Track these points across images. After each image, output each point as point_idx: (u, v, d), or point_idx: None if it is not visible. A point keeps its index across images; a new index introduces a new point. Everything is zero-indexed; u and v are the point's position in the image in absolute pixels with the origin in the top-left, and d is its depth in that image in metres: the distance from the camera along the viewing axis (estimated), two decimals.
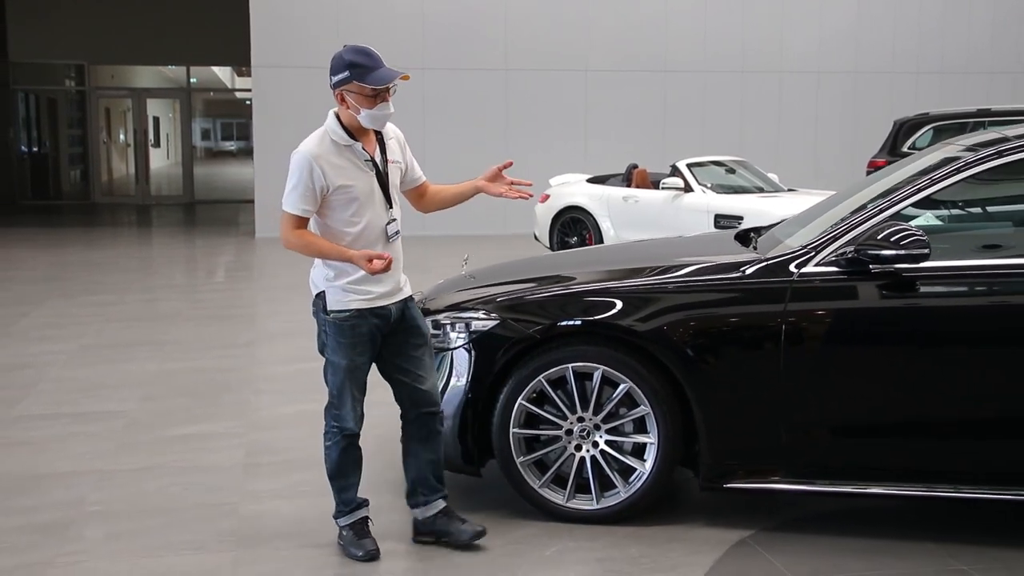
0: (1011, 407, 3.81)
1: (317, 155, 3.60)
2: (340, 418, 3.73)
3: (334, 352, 3.69)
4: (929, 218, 4.41)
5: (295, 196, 3.60)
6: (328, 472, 3.82)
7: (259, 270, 12.53)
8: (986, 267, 3.96)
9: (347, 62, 3.60)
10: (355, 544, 3.77)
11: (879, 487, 3.90)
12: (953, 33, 17.27)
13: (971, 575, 3.63)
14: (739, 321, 3.98)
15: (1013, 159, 3.89)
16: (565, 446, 4.12)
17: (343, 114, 3.69)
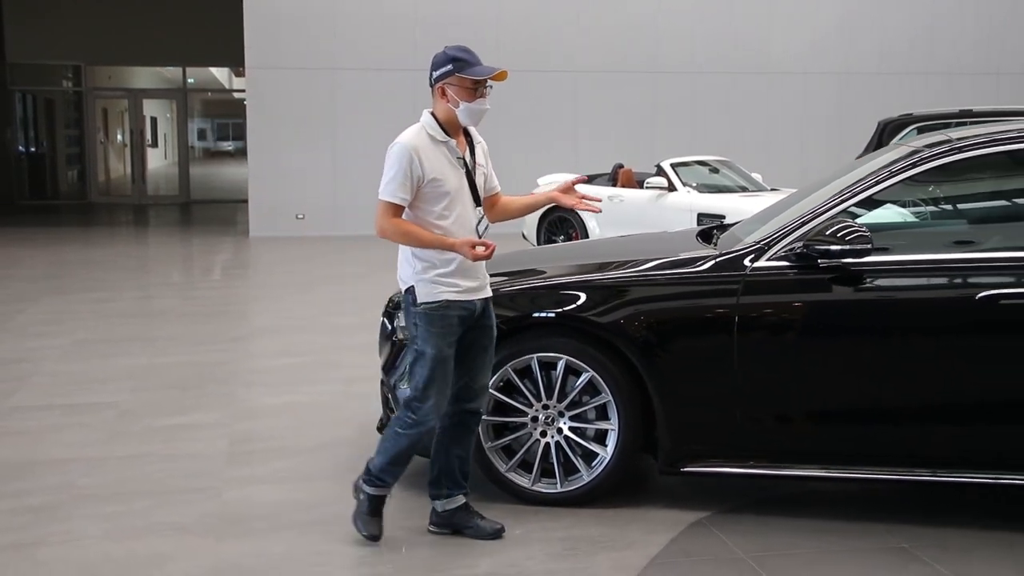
0: (953, 394, 4.02)
1: (415, 146, 3.72)
2: (421, 411, 3.79)
3: (425, 342, 3.76)
4: (883, 215, 4.61)
5: (394, 185, 3.71)
6: (388, 454, 3.88)
7: (252, 268, 12.75)
8: (928, 262, 4.16)
9: (450, 57, 3.76)
10: (366, 518, 3.91)
11: (830, 471, 4.11)
12: (939, 35, 17.48)
13: (910, 552, 3.84)
14: (695, 313, 4.19)
15: (951, 160, 4.11)
16: (531, 432, 4.33)
17: (440, 110, 3.80)
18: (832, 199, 4.20)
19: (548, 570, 3.72)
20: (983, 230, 4.46)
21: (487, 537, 3.96)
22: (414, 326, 3.79)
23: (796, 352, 4.12)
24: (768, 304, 4.12)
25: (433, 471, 4.03)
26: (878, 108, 16.10)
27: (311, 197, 15.77)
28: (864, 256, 3.97)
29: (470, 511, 4.02)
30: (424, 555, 3.86)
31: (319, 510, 4.28)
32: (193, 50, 21.63)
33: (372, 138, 15.77)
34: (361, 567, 3.74)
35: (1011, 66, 17.61)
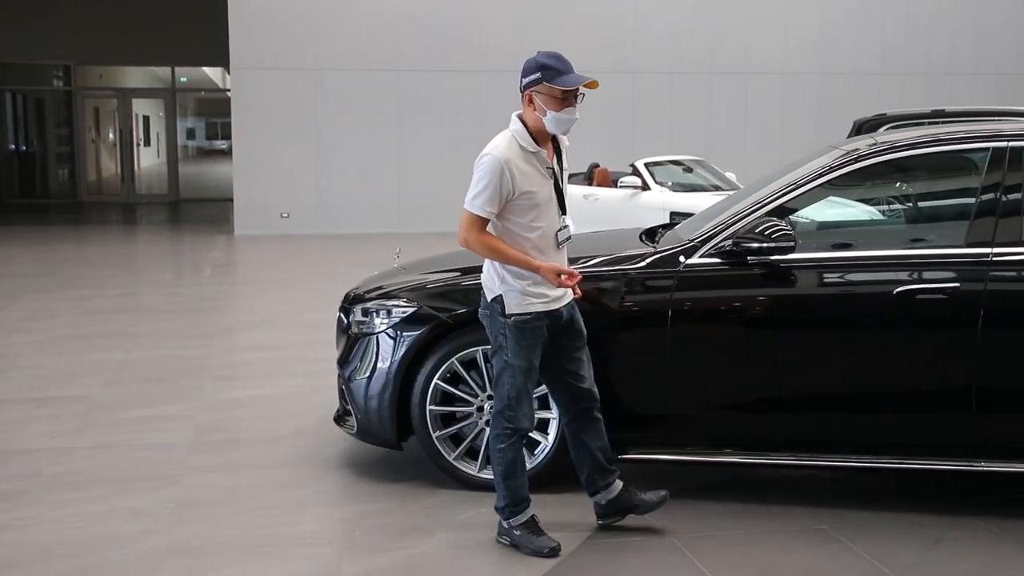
0: (874, 385, 4.23)
1: (508, 159, 3.67)
2: (516, 419, 3.80)
3: (515, 355, 3.76)
4: (818, 214, 4.82)
5: (482, 198, 3.67)
6: (502, 474, 3.86)
7: (235, 266, 12.94)
8: (850, 258, 4.38)
9: (539, 64, 3.70)
10: (534, 542, 3.84)
11: (760, 457, 4.32)
12: (916, 36, 17.70)
13: (829, 533, 4.05)
14: (633, 307, 4.39)
15: (870, 163, 4.32)
16: (476, 422, 4.53)
17: (529, 117, 3.76)
18: (762, 199, 4.41)
19: (483, 550, 3.92)
20: (903, 229, 4.67)
21: (656, 507, 4.03)
22: (503, 336, 3.78)
23: (726, 345, 4.33)
24: (699, 299, 4.33)
25: (583, 472, 4.05)
26: (856, 108, 16.28)
27: (295, 196, 15.96)
28: (788, 253, 4.18)
29: (630, 491, 4.06)
30: (368, 537, 4.06)
31: (271, 496, 4.48)
32: (182, 50, 21.80)
33: (356, 138, 16.01)
34: (306, 547, 3.93)
35: (987, 67, 17.83)
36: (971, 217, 4.21)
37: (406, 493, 4.52)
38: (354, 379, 4.69)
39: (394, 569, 3.75)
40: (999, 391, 4.12)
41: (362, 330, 4.72)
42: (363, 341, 4.69)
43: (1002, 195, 4.17)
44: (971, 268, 4.09)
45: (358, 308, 4.78)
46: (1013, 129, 4.36)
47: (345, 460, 4.95)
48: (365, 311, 4.73)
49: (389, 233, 15.54)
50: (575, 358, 3.95)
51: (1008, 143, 4.24)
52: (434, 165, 16.05)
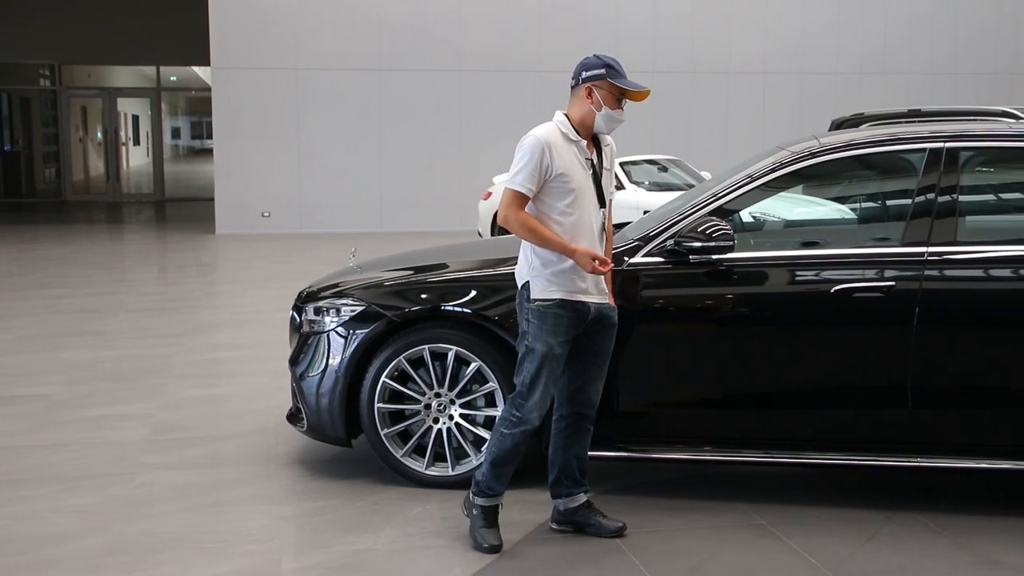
0: (812, 382, 4.28)
1: (549, 141, 3.78)
2: (525, 409, 3.82)
3: (535, 339, 3.80)
4: (763, 214, 4.88)
5: (523, 175, 3.77)
6: (492, 457, 3.89)
7: (212, 265, 12.96)
8: (789, 258, 4.43)
9: (604, 62, 3.84)
10: (480, 531, 3.90)
11: (702, 454, 4.36)
12: (895, 35, 17.77)
13: (767, 528, 4.11)
14: None
15: (812, 163, 4.37)
16: (424, 419, 4.58)
17: (578, 110, 3.86)
18: (705, 199, 4.46)
19: (426, 546, 3.97)
20: (842, 228, 4.72)
21: (609, 535, 4.02)
22: (526, 322, 3.85)
23: (668, 343, 4.37)
24: (641, 297, 4.37)
25: (553, 472, 4.08)
26: (837, 107, 16.35)
27: (277, 195, 15.99)
28: (727, 252, 4.23)
29: (592, 509, 4.09)
30: (311, 533, 4.11)
31: (220, 494, 4.52)
32: (166, 50, 21.82)
33: (337, 137, 16.05)
34: (249, 544, 3.97)
35: (965, 67, 17.91)
36: (908, 217, 4.26)
37: (354, 490, 4.56)
38: (304, 377, 4.73)
39: (334, 565, 3.79)
40: (934, 388, 4.17)
41: (313, 328, 4.76)
42: (313, 340, 4.73)
43: (938, 195, 4.22)
44: (907, 267, 4.15)
45: (310, 307, 4.83)
46: (951, 130, 4.43)
47: (297, 458, 4.99)
48: (316, 310, 4.78)
49: (371, 232, 15.59)
50: (594, 361, 3.96)
51: (945, 144, 4.31)
52: (415, 164, 16.10)
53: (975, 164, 4.44)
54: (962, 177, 4.29)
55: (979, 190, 4.65)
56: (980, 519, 4.18)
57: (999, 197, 4.82)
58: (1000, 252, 4.22)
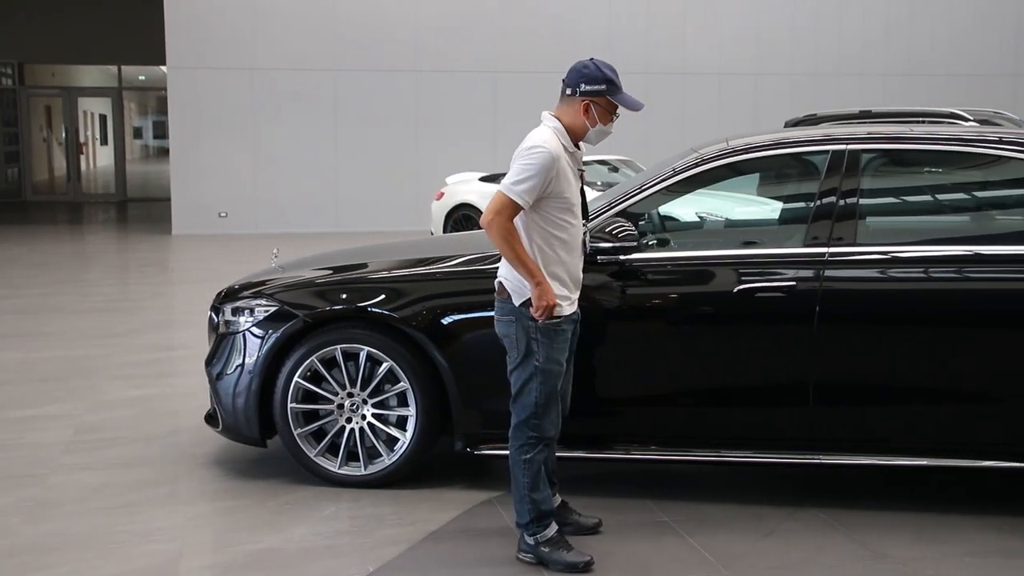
0: (717, 381, 4.34)
1: (559, 156, 3.65)
2: (541, 428, 3.73)
3: (547, 359, 3.69)
4: (671, 214, 4.94)
5: (526, 187, 3.59)
6: (528, 486, 3.75)
7: (163, 265, 12.93)
8: (692, 258, 4.49)
9: (606, 77, 3.73)
10: (565, 558, 3.73)
11: (613, 452, 4.42)
12: (849, 36, 17.94)
13: (669, 525, 4.16)
14: (488, 308, 4.45)
15: (720, 164, 4.44)
16: (337, 419, 4.60)
17: (570, 120, 3.75)
18: (614, 199, 4.51)
19: (329, 545, 3.99)
20: (748, 228, 4.78)
21: (586, 532, 4.01)
22: (534, 342, 3.69)
23: (580, 340, 4.41)
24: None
25: None
26: (791, 108, 16.50)
27: (233, 195, 15.95)
28: (631, 253, 4.28)
29: (568, 508, 4.08)
30: (216, 533, 4.13)
31: (132, 494, 4.53)
32: (126, 49, 21.69)
33: (293, 137, 16.03)
34: (150, 544, 3.99)
35: (918, 67, 18.09)
36: (810, 218, 4.33)
37: (267, 490, 4.58)
38: (220, 377, 4.75)
39: (234, 564, 3.81)
40: (834, 386, 4.24)
41: (229, 329, 4.78)
42: (229, 340, 4.75)
43: (839, 197, 4.29)
44: (808, 267, 4.21)
45: (227, 307, 4.84)
46: (854, 132, 4.50)
47: (215, 458, 5.00)
48: (233, 310, 4.79)
49: (327, 232, 15.57)
50: (570, 367, 3.93)
51: (847, 146, 4.38)
52: (372, 164, 16.10)
53: (877, 166, 4.51)
54: (863, 179, 4.36)
55: (881, 191, 4.73)
56: (876, 514, 4.25)
57: (900, 198, 4.90)
58: (899, 252, 4.29)
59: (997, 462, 4.18)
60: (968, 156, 4.50)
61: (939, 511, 4.28)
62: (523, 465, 3.78)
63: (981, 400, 4.18)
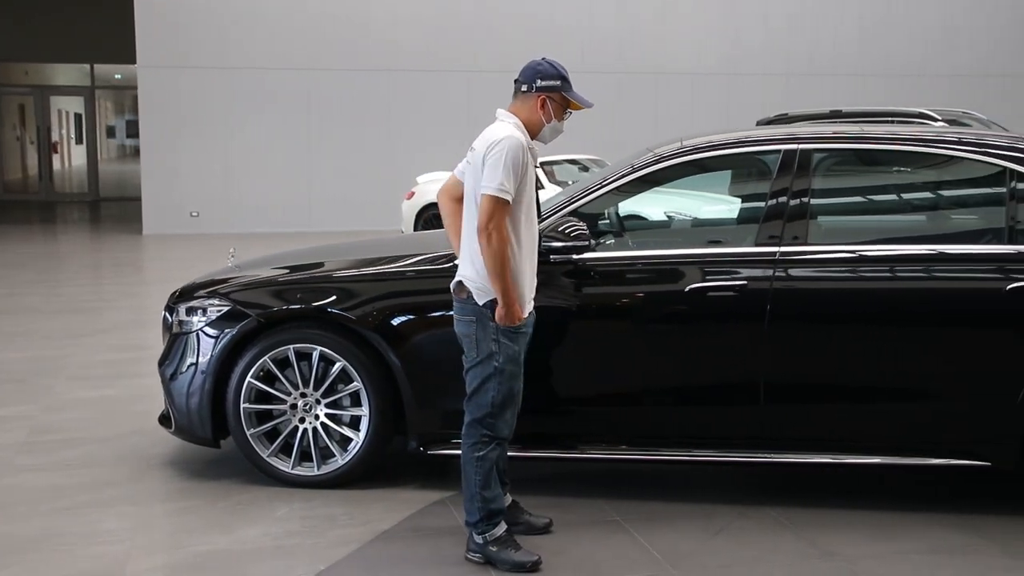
0: (667, 380, 4.35)
1: (524, 144, 3.64)
2: (495, 427, 3.73)
3: (508, 360, 3.69)
4: (624, 213, 4.94)
5: (507, 180, 3.55)
6: (480, 484, 3.74)
7: (132, 266, 12.85)
8: (644, 257, 4.50)
9: (560, 73, 3.78)
10: (513, 557, 3.73)
11: (567, 452, 4.42)
12: (822, 36, 18.02)
13: (620, 524, 4.17)
14: (441, 307, 4.44)
15: (672, 164, 4.45)
16: (291, 419, 4.58)
17: (527, 116, 3.76)
18: (569, 198, 4.51)
19: (279, 545, 3.97)
20: (701, 227, 4.79)
21: (538, 532, 4.01)
22: (495, 342, 3.69)
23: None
24: None
25: None
26: (764, 108, 16.58)
27: (205, 195, 15.88)
28: (583, 252, 4.27)
29: (519, 508, 4.07)
30: (165, 534, 4.10)
31: (84, 495, 4.49)
32: (99, 47, 21.55)
33: (266, 136, 15.97)
34: (98, 546, 3.96)
35: (889, 68, 18.19)
36: (762, 217, 4.34)
37: (220, 491, 4.56)
38: (173, 378, 4.71)
39: (179, 566, 3.79)
40: (785, 385, 4.25)
41: (182, 329, 4.74)
42: (181, 339, 4.72)
43: (790, 197, 4.30)
44: (759, 267, 4.22)
45: (182, 307, 4.80)
46: (805, 132, 4.51)
47: (168, 459, 4.97)
48: (186, 310, 4.76)
49: (300, 232, 15.50)
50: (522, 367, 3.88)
51: (798, 146, 4.38)
52: (345, 164, 16.06)
53: (828, 166, 4.52)
54: (815, 178, 4.37)
55: (832, 191, 4.74)
56: (827, 512, 4.27)
57: (852, 198, 4.92)
58: (850, 252, 4.31)
59: (947, 460, 4.20)
60: (921, 156, 4.51)
61: (890, 509, 4.30)
62: (475, 463, 3.78)
63: (930, 398, 4.20)
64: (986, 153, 4.35)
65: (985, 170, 4.40)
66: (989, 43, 18.75)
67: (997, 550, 3.91)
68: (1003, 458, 4.16)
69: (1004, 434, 4.13)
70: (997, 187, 4.33)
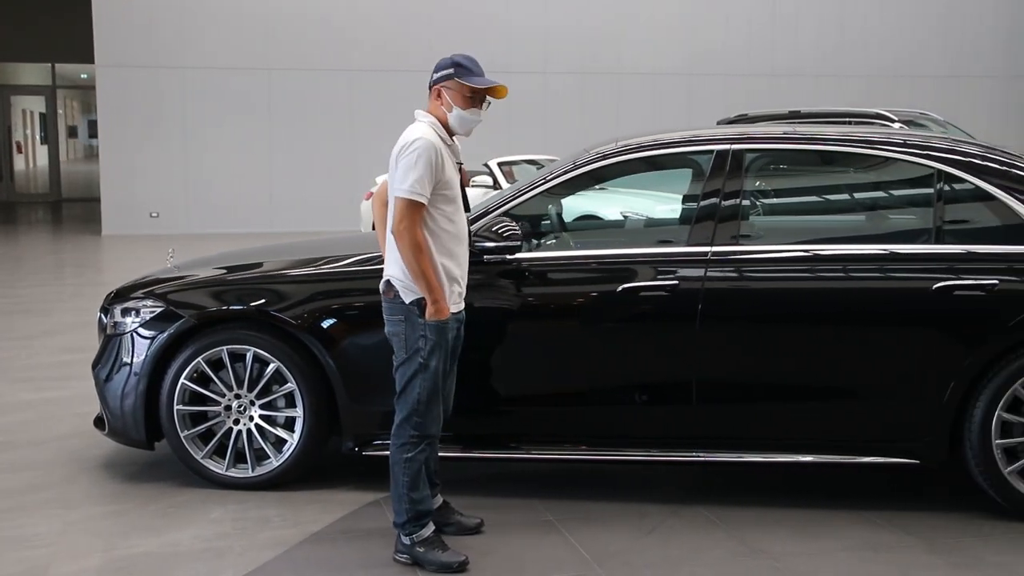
0: (601, 380, 4.35)
1: (436, 145, 3.65)
2: (423, 426, 3.73)
3: (431, 357, 3.68)
4: (560, 213, 4.95)
5: (419, 182, 3.57)
6: (407, 485, 3.73)
7: (87, 266, 12.74)
8: (577, 257, 4.52)
9: (453, 61, 3.75)
10: (440, 558, 3.73)
11: (496, 451, 4.42)
12: (781, 36, 18.13)
13: (553, 524, 4.17)
14: (374, 308, 4.42)
15: (607, 163, 4.46)
16: (225, 420, 4.55)
17: (436, 112, 3.77)
18: (504, 197, 4.52)
19: (206, 547, 3.95)
20: (635, 228, 4.81)
21: (469, 532, 4.01)
22: (422, 339, 3.68)
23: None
24: None
25: None
26: (725, 108, 16.67)
27: (165, 195, 15.76)
28: (515, 252, 4.28)
29: (449, 508, 4.08)
30: (89, 538, 4.06)
31: (15, 499, 4.45)
32: (59, 47, 21.33)
33: (226, 137, 15.87)
34: (24, 550, 3.91)
35: (850, 68, 18.33)
36: (693, 217, 4.36)
37: (153, 493, 4.52)
38: (106, 380, 4.67)
39: (102, 569, 3.76)
40: (717, 384, 4.27)
41: (116, 330, 4.70)
42: (115, 341, 4.68)
43: (722, 197, 4.32)
44: (691, 267, 4.23)
45: (116, 308, 4.76)
46: (738, 133, 4.53)
47: (103, 462, 4.93)
48: (122, 311, 4.72)
49: (261, 232, 15.41)
50: (454, 367, 3.93)
51: (731, 146, 4.40)
52: (306, 164, 15.99)
53: (760, 166, 4.54)
54: (746, 179, 4.39)
55: (764, 192, 4.77)
56: (758, 511, 4.29)
57: (783, 198, 4.95)
58: (781, 252, 4.34)
59: (877, 458, 4.24)
60: (853, 157, 4.55)
61: (820, 507, 4.33)
62: (403, 464, 3.77)
63: (860, 397, 4.23)
64: (917, 154, 4.39)
65: (915, 171, 4.43)
66: (947, 43, 18.95)
67: (922, 547, 3.94)
68: (931, 456, 4.20)
69: (932, 432, 4.17)
70: (926, 188, 4.37)
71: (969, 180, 4.27)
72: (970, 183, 4.27)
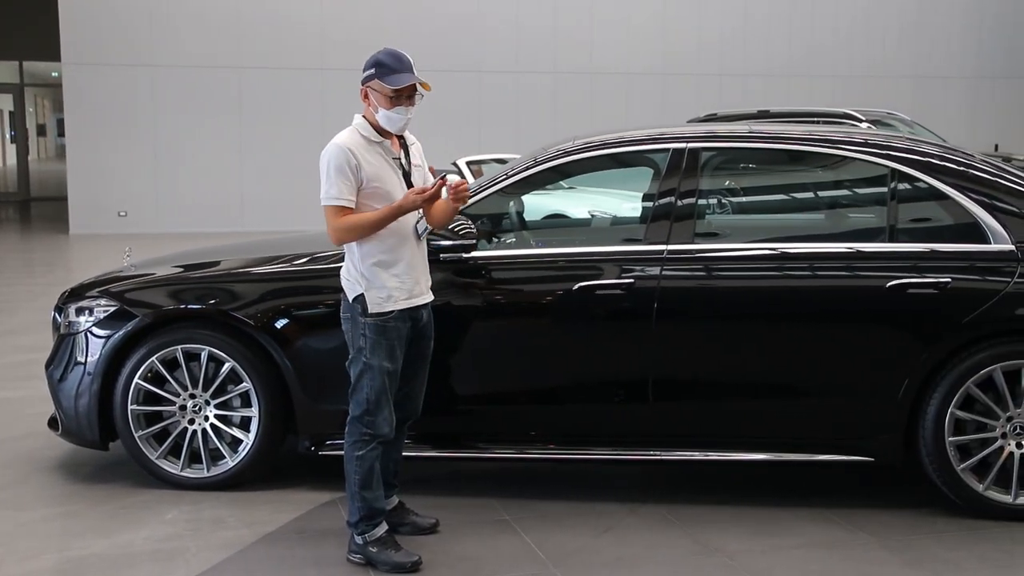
0: (557, 378, 4.34)
1: (350, 147, 3.64)
2: (375, 425, 3.70)
3: (374, 354, 3.67)
4: (518, 211, 4.94)
5: (335, 189, 3.62)
6: (359, 483, 3.72)
7: (53, 266, 12.60)
8: (534, 256, 4.51)
9: (375, 60, 3.70)
10: (392, 558, 3.72)
11: (453, 451, 4.41)
12: (754, 38, 18.19)
13: (509, 523, 4.15)
14: (329, 307, 4.39)
15: (567, 160, 4.45)
16: (180, 420, 4.51)
17: (366, 112, 3.77)
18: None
19: (158, 548, 3.91)
20: (592, 226, 4.81)
21: (424, 532, 4.01)
22: (363, 337, 3.69)
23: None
24: None
25: None
26: (698, 107, 16.71)
27: (133, 194, 15.62)
28: (471, 250, 4.26)
29: (405, 509, 4.07)
30: (39, 539, 4.01)
31: None
32: (27, 45, 21.12)
33: (195, 135, 15.75)
34: None
35: (822, 69, 18.42)
36: (650, 215, 4.35)
37: (106, 494, 4.48)
38: (61, 379, 4.62)
39: (53, 570, 3.72)
40: (672, 382, 4.27)
41: (70, 329, 4.66)
42: (69, 340, 4.63)
43: (678, 196, 4.31)
44: (647, 265, 4.22)
45: (71, 307, 4.72)
46: (694, 131, 4.52)
47: (57, 462, 4.87)
48: (75, 310, 4.67)
49: (231, 231, 15.29)
50: (419, 368, 3.90)
51: (687, 145, 4.39)
52: (277, 163, 15.90)
53: (716, 164, 4.54)
54: (702, 178, 4.39)
55: (720, 190, 4.78)
56: (714, 509, 4.29)
57: (741, 197, 4.96)
58: (737, 251, 4.34)
59: (833, 456, 4.25)
60: (809, 156, 4.56)
61: (775, 504, 4.34)
62: (355, 462, 3.75)
63: (815, 395, 4.24)
64: (873, 153, 4.40)
65: (872, 170, 4.45)
66: (917, 43, 19.08)
67: (876, 544, 3.96)
68: (887, 454, 4.22)
69: (887, 430, 4.18)
70: (881, 187, 4.38)
71: (924, 180, 4.28)
72: (925, 182, 4.28)
